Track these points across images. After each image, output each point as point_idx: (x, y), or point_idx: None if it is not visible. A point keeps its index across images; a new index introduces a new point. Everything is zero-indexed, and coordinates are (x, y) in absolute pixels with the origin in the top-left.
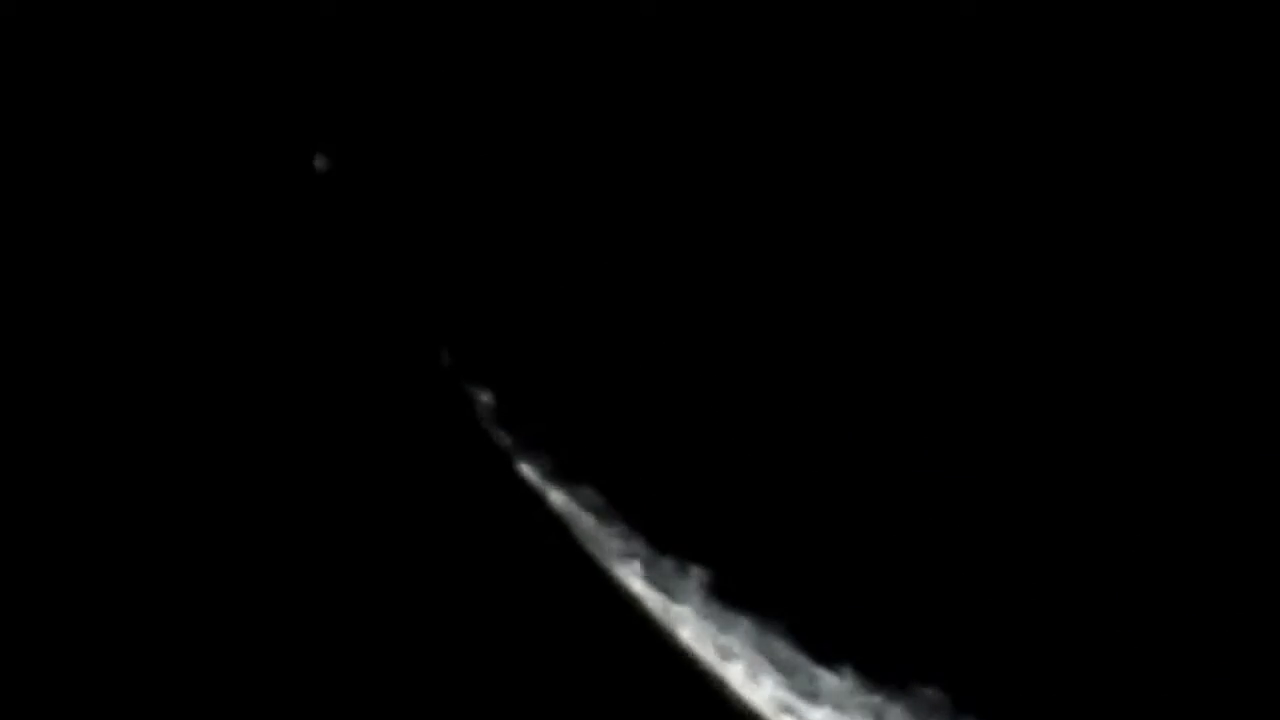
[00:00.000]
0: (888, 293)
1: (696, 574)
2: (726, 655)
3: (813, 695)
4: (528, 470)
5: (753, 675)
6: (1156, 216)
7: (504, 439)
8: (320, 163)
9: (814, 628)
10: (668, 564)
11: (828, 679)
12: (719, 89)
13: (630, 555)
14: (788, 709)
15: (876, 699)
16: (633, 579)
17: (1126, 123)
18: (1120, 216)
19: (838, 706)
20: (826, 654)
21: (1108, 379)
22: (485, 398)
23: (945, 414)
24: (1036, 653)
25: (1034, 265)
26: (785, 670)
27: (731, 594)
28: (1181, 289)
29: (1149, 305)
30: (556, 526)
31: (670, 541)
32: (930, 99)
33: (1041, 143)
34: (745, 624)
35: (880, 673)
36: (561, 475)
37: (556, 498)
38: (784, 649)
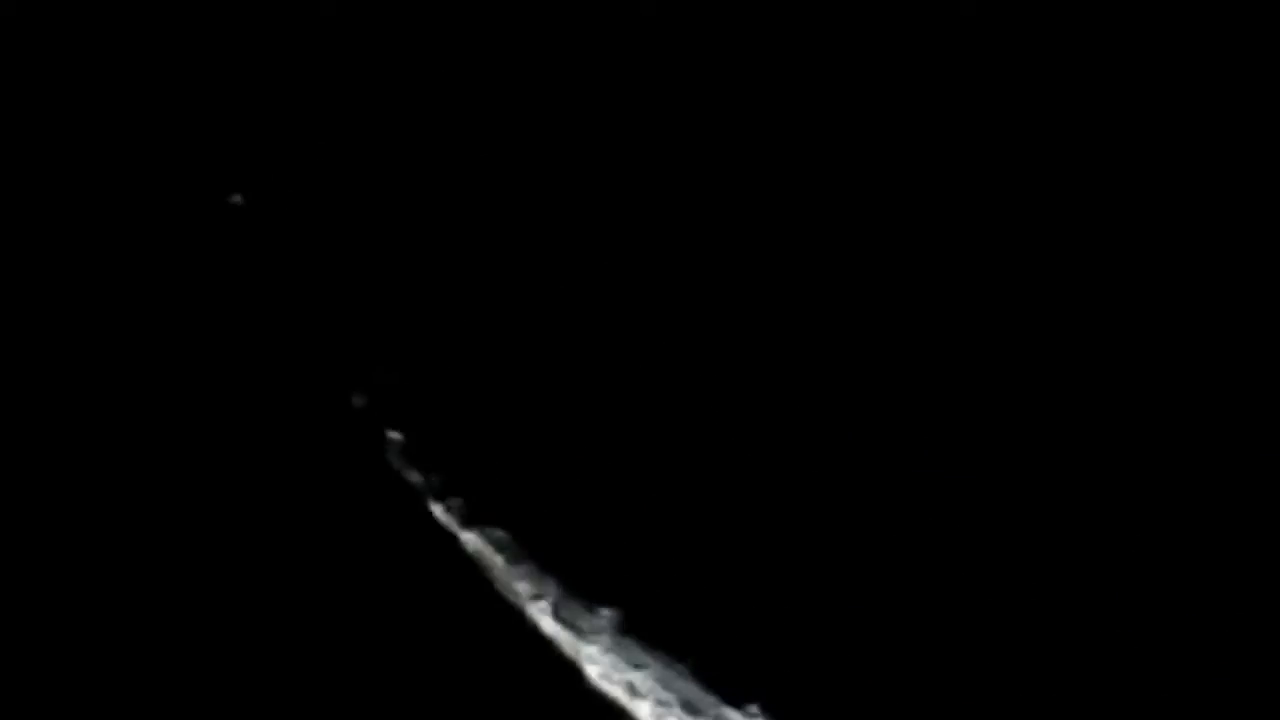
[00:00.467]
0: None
1: (606, 614)
2: (634, 693)
3: None
4: (439, 511)
5: (660, 714)
6: (1156, 217)
7: (416, 479)
8: (236, 198)
9: (721, 667)
10: (577, 604)
11: (734, 718)
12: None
13: (540, 595)
14: None
15: None
16: (543, 618)
17: (1126, 123)
18: (1120, 217)
19: None
20: (733, 693)
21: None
22: (397, 437)
23: (858, 448)
24: (949, 692)
25: (1033, 266)
26: (692, 709)
27: (640, 633)
28: (1181, 289)
29: (1149, 305)
30: (468, 566)
31: (580, 582)
32: (930, 99)
33: (1041, 143)
34: (654, 663)
35: (786, 712)
36: (473, 516)
37: (468, 538)
38: (691, 688)
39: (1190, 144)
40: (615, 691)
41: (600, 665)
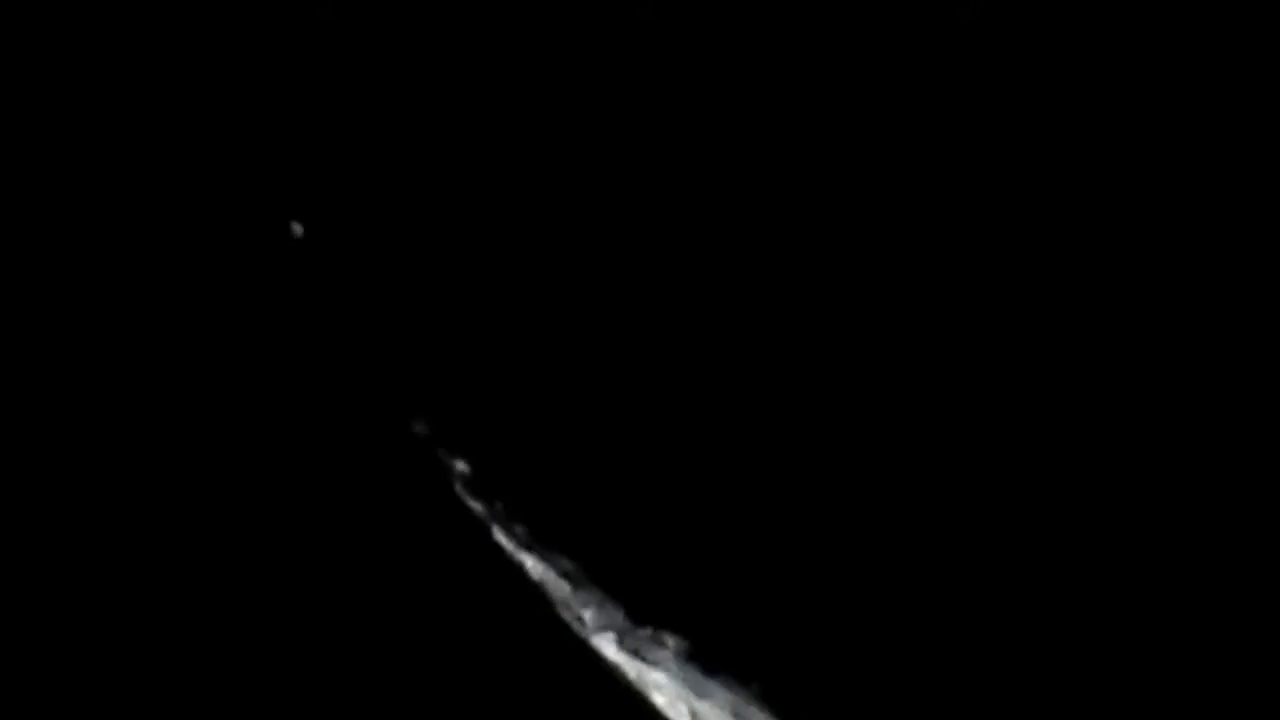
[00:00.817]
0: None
1: (671, 642)
2: None
3: None
4: (503, 539)
5: None
6: (1156, 217)
7: (480, 508)
8: (296, 228)
9: (788, 693)
10: (643, 632)
11: None
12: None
13: (606, 624)
14: None
15: None
16: (607, 646)
17: (1126, 123)
18: (1120, 217)
19: None
20: (800, 718)
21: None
22: (461, 466)
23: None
24: (1009, 710)
25: (1033, 266)
26: None
27: (707, 660)
28: (1181, 289)
29: (1148, 306)
30: (532, 595)
31: (646, 610)
32: (929, 100)
33: (1041, 143)
34: (720, 690)
35: None
36: (537, 543)
37: (532, 565)
38: (758, 715)
39: (1190, 145)
40: (681, 719)
41: (666, 693)
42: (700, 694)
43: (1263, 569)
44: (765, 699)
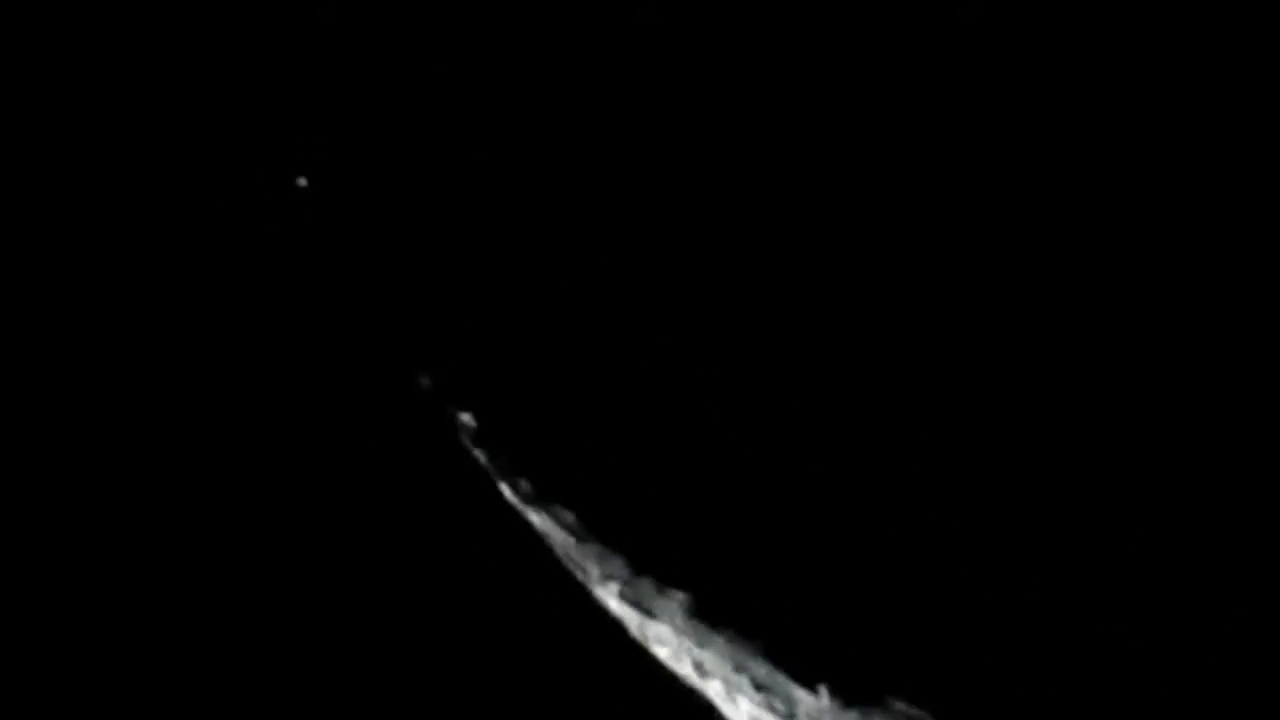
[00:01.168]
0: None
1: (675, 594)
2: (704, 673)
3: (790, 714)
4: (508, 491)
5: (730, 693)
6: (1156, 217)
7: (485, 460)
8: (302, 181)
9: (791, 646)
10: (646, 584)
11: (804, 698)
12: (702, 100)
13: (609, 576)
14: None
15: (852, 716)
16: (610, 599)
17: (1126, 123)
18: (1119, 217)
19: None
20: (803, 672)
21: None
22: (466, 419)
23: (918, 432)
24: (1013, 668)
25: (1032, 267)
26: (762, 688)
27: (709, 613)
28: (1181, 289)
29: (1148, 306)
30: (537, 546)
31: (648, 562)
32: (929, 100)
33: (1041, 143)
34: (722, 642)
35: (857, 690)
36: (541, 496)
37: (537, 519)
38: (761, 667)
39: (1189, 145)
40: (685, 670)
41: (669, 645)
42: (704, 645)
43: (1263, 569)
44: (769, 652)
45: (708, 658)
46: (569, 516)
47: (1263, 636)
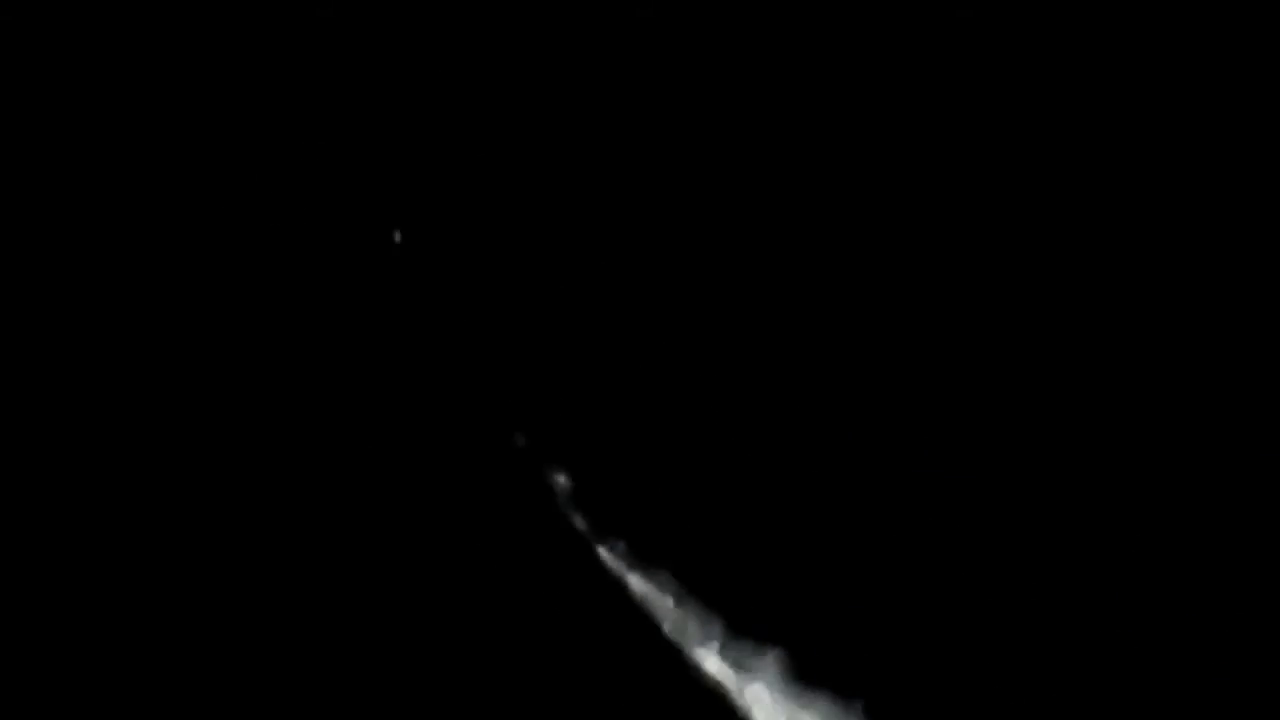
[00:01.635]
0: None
1: (773, 655)
2: None
3: None
4: (605, 554)
5: None
6: (1156, 217)
7: (581, 523)
8: (397, 236)
9: (891, 707)
10: (744, 645)
11: None
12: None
13: (707, 637)
14: None
15: None
16: (709, 660)
17: (1126, 123)
18: (1119, 217)
19: None
20: None
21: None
22: (562, 480)
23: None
24: None
25: (1032, 267)
26: None
27: (808, 674)
28: (1182, 289)
29: (1148, 306)
30: (634, 610)
31: (747, 624)
32: (929, 100)
33: (1040, 143)
34: (822, 704)
35: None
36: (638, 559)
37: (634, 581)
38: None
39: (1189, 144)
40: None
41: (767, 707)
42: (802, 707)
43: (1263, 569)
44: (868, 712)
45: (807, 719)
46: (666, 578)
47: (1264, 636)
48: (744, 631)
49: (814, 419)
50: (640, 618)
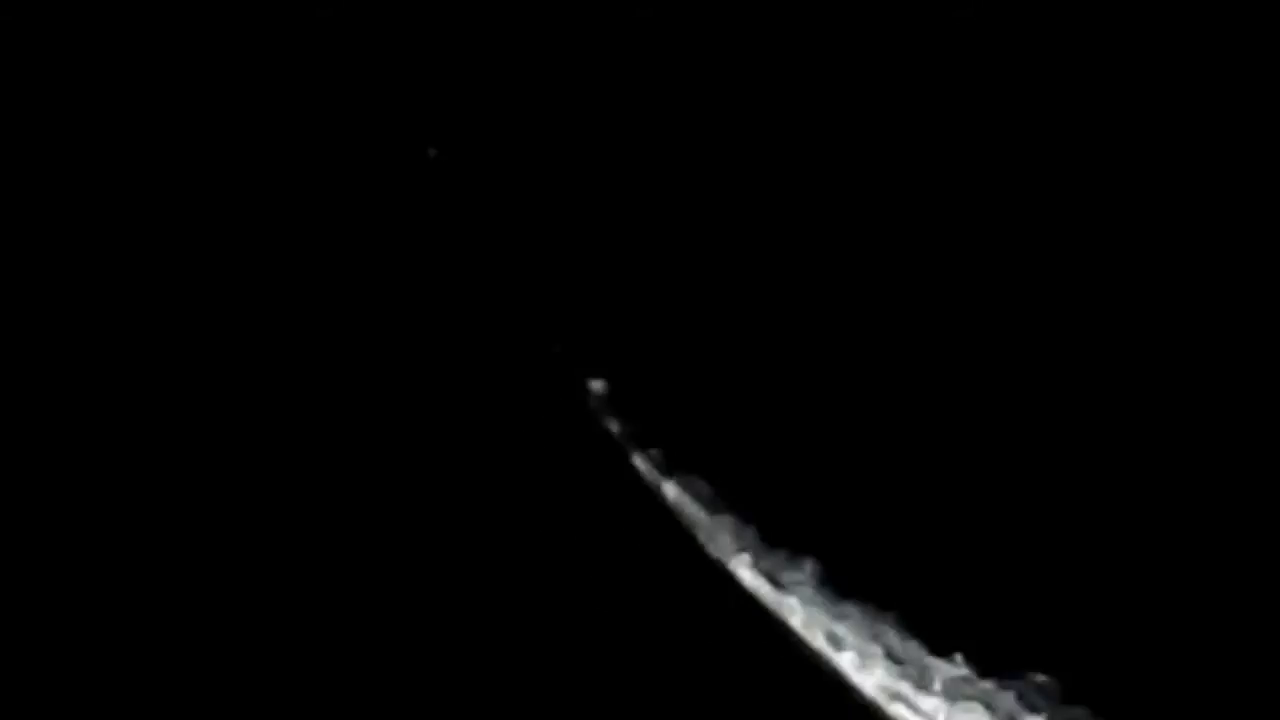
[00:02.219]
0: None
1: (807, 565)
2: (837, 644)
3: (924, 684)
4: (640, 461)
5: (864, 664)
6: (1156, 217)
7: (616, 428)
8: (433, 152)
9: (925, 616)
10: (778, 555)
11: (939, 667)
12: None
13: (741, 546)
14: (899, 697)
15: (988, 686)
16: (743, 569)
17: (1126, 123)
18: (1119, 217)
19: (949, 695)
20: (938, 642)
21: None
22: (598, 386)
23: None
24: (1145, 640)
25: (1032, 267)
26: (896, 659)
27: (842, 584)
28: (1181, 289)
29: (1148, 306)
30: (668, 517)
31: (781, 533)
32: (929, 100)
33: (1040, 143)
34: (856, 613)
35: (991, 660)
36: (673, 465)
37: (668, 488)
38: (895, 638)
39: (1189, 144)
40: (818, 642)
41: (801, 616)
42: (837, 617)
43: (1263, 569)
44: (903, 622)
45: (841, 629)
46: (701, 486)
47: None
48: (778, 541)
49: (851, 327)
50: (674, 525)
